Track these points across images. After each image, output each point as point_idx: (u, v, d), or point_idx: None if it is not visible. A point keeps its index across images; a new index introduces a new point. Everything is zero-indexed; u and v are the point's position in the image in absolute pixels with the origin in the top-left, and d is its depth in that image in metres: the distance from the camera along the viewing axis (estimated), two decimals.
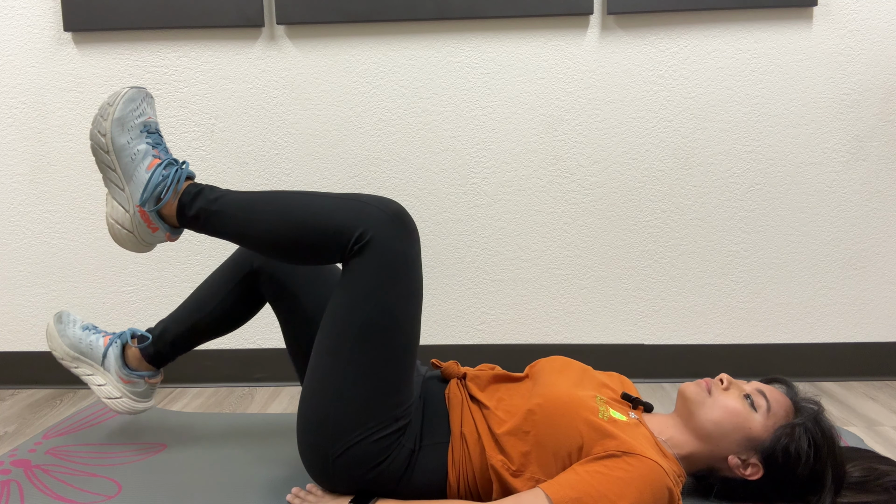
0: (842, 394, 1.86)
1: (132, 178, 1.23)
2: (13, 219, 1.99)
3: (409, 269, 1.15)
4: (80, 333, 1.45)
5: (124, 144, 1.22)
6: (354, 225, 1.14)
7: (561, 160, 1.93)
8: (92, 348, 1.44)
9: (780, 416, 1.14)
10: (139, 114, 1.24)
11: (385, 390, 1.13)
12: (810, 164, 1.91)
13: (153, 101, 1.28)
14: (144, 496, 1.30)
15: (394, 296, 1.13)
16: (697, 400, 1.16)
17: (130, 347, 1.45)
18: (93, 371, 1.45)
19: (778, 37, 1.86)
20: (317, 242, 1.16)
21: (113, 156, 1.22)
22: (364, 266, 1.13)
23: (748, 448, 1.14)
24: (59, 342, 1.45)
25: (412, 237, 1.16)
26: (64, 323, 1.46)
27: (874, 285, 1.94)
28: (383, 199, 1.17)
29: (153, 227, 1.25)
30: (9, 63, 1.94)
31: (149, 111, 1.26)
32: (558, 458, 1.08)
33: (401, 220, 1.15)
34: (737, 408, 1.14)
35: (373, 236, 1.13)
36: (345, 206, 1.16)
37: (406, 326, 1.15)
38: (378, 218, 1.14)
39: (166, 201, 1.23)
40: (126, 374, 1.44)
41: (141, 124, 1.24)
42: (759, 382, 1.21)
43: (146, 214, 1.24)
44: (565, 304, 1.98)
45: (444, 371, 1.28)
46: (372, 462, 1.13)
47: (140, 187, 1.23)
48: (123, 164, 1.23)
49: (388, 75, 1.91)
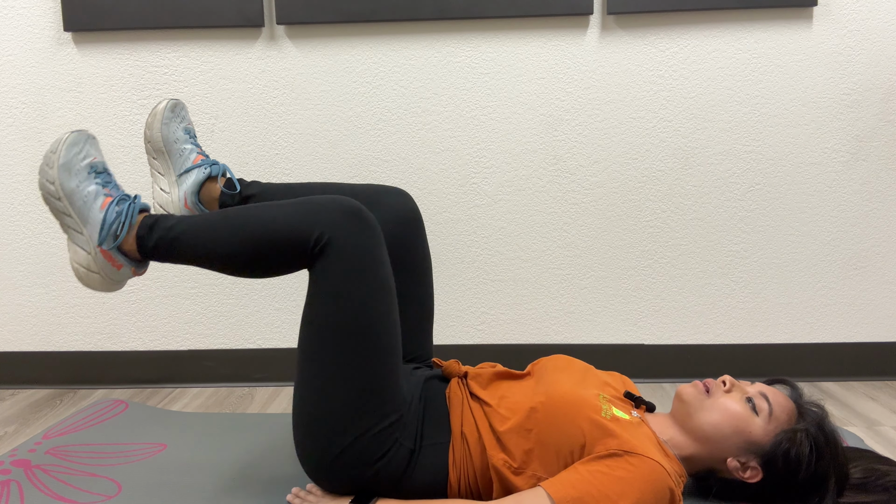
0: (842, 394, 1.86)
1: (87, 220, 1.23)
2: (13, 219, 1.99)
3: (373, 263, 1.15)
4: (181, 134, 1.39)
5: (74, 188, 1.22)
6: (310, 228, 1.13)
7: (561, 160, 1.93)
8: (181, 156, 1.38)
9: (783, 420, 1.13)
10: (84, 156, 1.24)
11: (370, 387, 1.13)
12: (810, 164, 1.91)
13: (97, 142, 1.28)
14: (144, 496, 1.30)
15: (362, 292, 1.13)
16: (694, 402, 1.15)
17: (214, 183, 1.38)
18: (166, 174, 1.38)
19: (778, 37, 1.86)
20: (277, 252, 1.16)
21: (65, 201, 1.22)
22: (327, 267, 1.13)
23: (748, 451, 1.13)
24: (158, 128, 1.36)
25: (371, 231, 1.16)
26: (176, 113, 1.38)
27: (874, 285, 1.94)
28: (336, 198, 1.17)
29: (117, 265, 1.25)
30: (9, 63, 1.94)
31: (93, 152, 1.26)
32: (560, 456, 1.08)
33: (356, 216, 1.15)
34: (737, 411, 1.13)
35: (330, 237, 1.13)
36: (299, 212, 1.16)
37: (381, 320, 1.15)
38: (333, 218, 1.14)
39: (123, 237, 1.22)
40: (193, 203, 1.38)
41: (87, 166, 1.24)
42: (763, 384, 1.20)
43: (108, 253, 1.24)
44: (565, 304, 1.98)
45: (445, 370, 1.28)
46: (369, 460, 1.12)
47: (97, 227, 1.23)
48: (77, 207, 1.23)
49: (388, 75, 1.91)
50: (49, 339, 2.03)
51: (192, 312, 2.00)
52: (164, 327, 2.01)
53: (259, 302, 2.00)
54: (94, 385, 2.02)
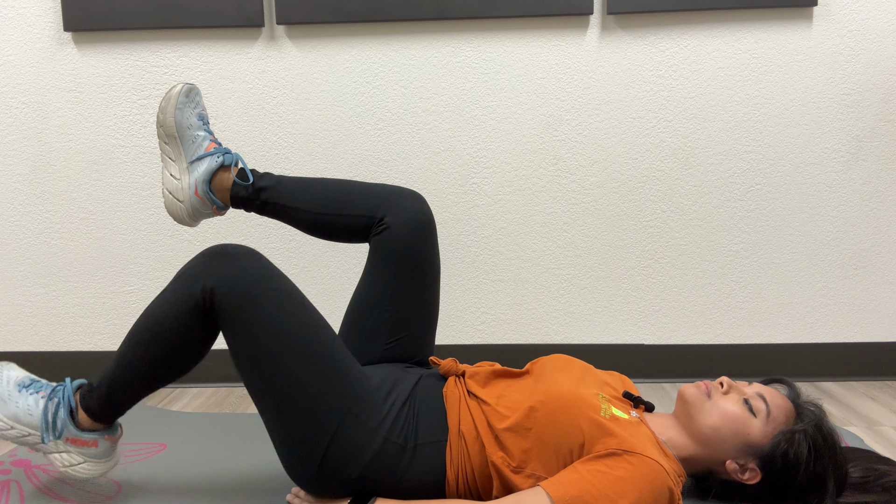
0: (842, 394, 1.86)
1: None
2: (13, 219, 1.99)
3: (263, 285, 1.15)
4: (194, 120, 1.39)
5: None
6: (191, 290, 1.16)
7: (561, 160, 1.93)
8: (194, 142, 1.39)
9: (780, 421, 1.14)
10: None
11: (316, 391, 1.13)
12: (810, 164, 1.91)
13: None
14: (144, 496, 1.30)
15: (267, 313, 1.14)
16: (696, 404, 1.15)
17: (226, 172, 1.38)
18: (177, 160, 1.39)
19: (778, 37, 1.86)
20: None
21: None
22: (225, 318, 1.15)
23: (746, 453, 1.13)
24: (171, 113, 1.36)
25: (241, 259, 1.17)
26: (190, 99, 1.37)
27: (874, 285, 1.94)
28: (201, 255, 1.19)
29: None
30: (9, 63, 1.94)
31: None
32: (559, 456, 1.08)
33: (223, 257, 1.17)
34: (735, 413, 1.13)
35: (213, 287, 1.14)
36: (194, 263, 1.19)
37: (292, 330, 1.14)
38: (201, 274, 1.16)
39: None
40: (203, 191, 1.38)
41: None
42: (761, 385, 1.20)
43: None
44: (565, 304, 1.98)
45: (443, 368, 1.28)
46: (353, 460, 1.12)
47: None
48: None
49: (388, 75, 1.91)
50: (49, 339, 2.03)
51: None
52: None
53: None
54: None
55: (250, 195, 1.36)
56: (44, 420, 1.24)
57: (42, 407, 1.24)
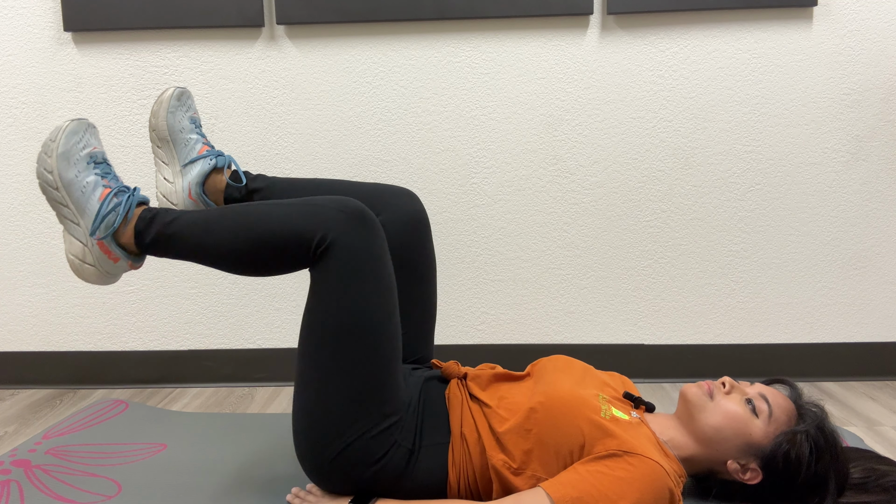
0: (842, 394, 1.86)
1: (84, 210, 1.21)
2: (13, 219, 1.99)
3: (376, 265, 1.14)
4: (186, 124, 1.36)
5: (72, 178, 1.20)
6: (313, 229, 1.13)
7: (561, 160, 1.93)
8: (186, 146, 1.36)
9: (782, 422, 1.14)
10: (83, 146, 1.22)
11: (368, 389, 1.12)
12: (810, 164, 1.91)
13: (96, 131, 1.26)
14: (144, 496, 1.30)
15: (364, 294, 1.13)
16: (699, 404, 1.15)
17: (219, 175, 1.35)
18: (170, 163, 1.35)
19: (778, 37, 1.86)
20: (278, 252, 1.15)
21: (63, 191, 1.21)
22: (329, 269, 1.13)
23: (748, 454, 1.13)
24: (163, 116, 1.34)
25: (374, 232, 1.15)
26: (182, 102, 1.35)
27: (874, 285, 1.94)
28: (339, 199, 1.16)
29: (114, 258, 1.24)
30: (9, 63, 1.94)
31: (93, 142, 1.24)
32: (560, 457, 1.08)
33: (360, 218, 1.14)
34: (738, 413, 1.13)
35: (333, 238, 1.12)
36: (301, 212, 1.15)
37: (381, 322, 1.14)
38: (336, 219, 1.13)
39: (117, 227, 1.21)
40: (197, 194, 1.35)
41: (87, 156, 1.22)
42: (763, 385, 1.20)
43: (104, 245, 1.22)
44: (565, 304, 1.98)
45: (445, 371, 1.28)
46: (368, 461, 1.12)
47: (93, 218, 1.21)
48: (75, 198, 1.21)
49: (388, 75, 1.91)
50: (49, 339, 2.03)
51: (192, 312, 2.00)
52: (164, 327, 2.01)
53: (259, 302, 2.00)
54: (94, 385, 2.02)
55: (244, 197, 1.35)
56: (97, 213, 1.20)
57: (100, 198, 1.21)
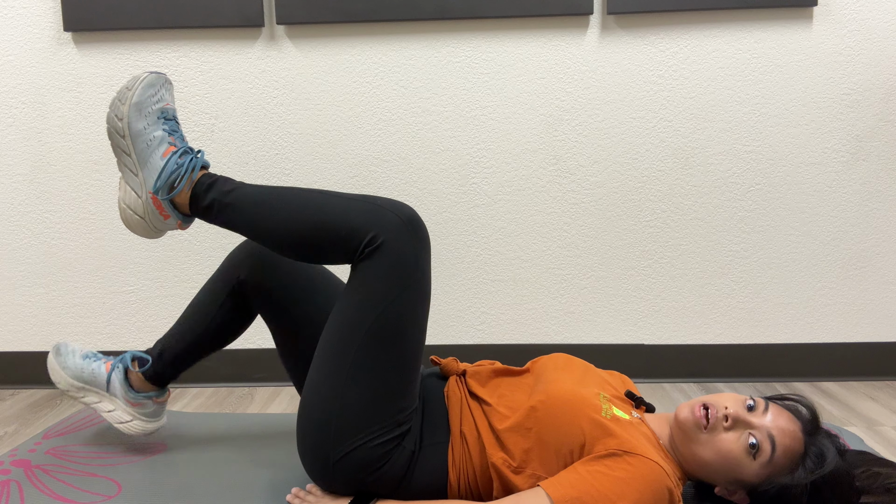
0: (842, 394, 1.86)
1: (147, 164, 1.22)
2: (13, 219, 1.99)
3: (418, 273, 1.14)
4: (81, 363, 1.43)
5: (141, 130, 1.21)
6: (367, 227, 1.12)
7: (561, 160, 1.93)
8: (95, 376, 1.42)
9: (781, 466, 1.05)
10: (157, 99, 1.23)
11: (389, 396, 1.12)
12: (810, 164, 1.91)
13: (172, 88, 1.28)
14: (144, 496, 1.30)
15: (402, 301, 1.12)
16: (689, 434, 1.09)
17: (132, 371, 1.43)
18: (100, 398, 1.43)
19: (778, 37, 1.86)
20: (328, 243, 1.15)
21: (129, 140, 1.22)
22: (373, 270, 1.12)
23: (737, 486, 1.09)
24: (61, 374, 1.43)
25: (423, 243, 1.15)
26: (63, 354, 1.44)
27: (874, 285, 1.94)
28: (397, 203, 1.16)
29: (165, 215, 1.25)
30: (9, 63, 1.94)
31: (167, 97, 1.25)
32: (560, 456, 1.08)
33: (414, 226, 1.14)
34: (731, 454, 1.06)
35: (384, 240, 1.11)
36: (359, 208, 1.15)
37: (413, 333, 1.14)
38: (392, 222, 1.12)
39: (179, 190, 1.22)
40: (133, 396, 1.42)
41: (159, 110, 1.23)
42: (779, 413, 1.08)
43: (158, 202, 1.23)
44: (565, 304, 1.98)
45: (444, 368, 1.28)
46: (373, 466, 1.12)
47: (154, 174, 1.22)
48: (139, 149, 1.22)
49: (388, 75, 1.91)
50: (49, 339, 2.03)
51: None
52: (164, 327, 2.01)
53: None
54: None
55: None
56: (160, 171, 1.21)
57: (164, 154, 1.22)
